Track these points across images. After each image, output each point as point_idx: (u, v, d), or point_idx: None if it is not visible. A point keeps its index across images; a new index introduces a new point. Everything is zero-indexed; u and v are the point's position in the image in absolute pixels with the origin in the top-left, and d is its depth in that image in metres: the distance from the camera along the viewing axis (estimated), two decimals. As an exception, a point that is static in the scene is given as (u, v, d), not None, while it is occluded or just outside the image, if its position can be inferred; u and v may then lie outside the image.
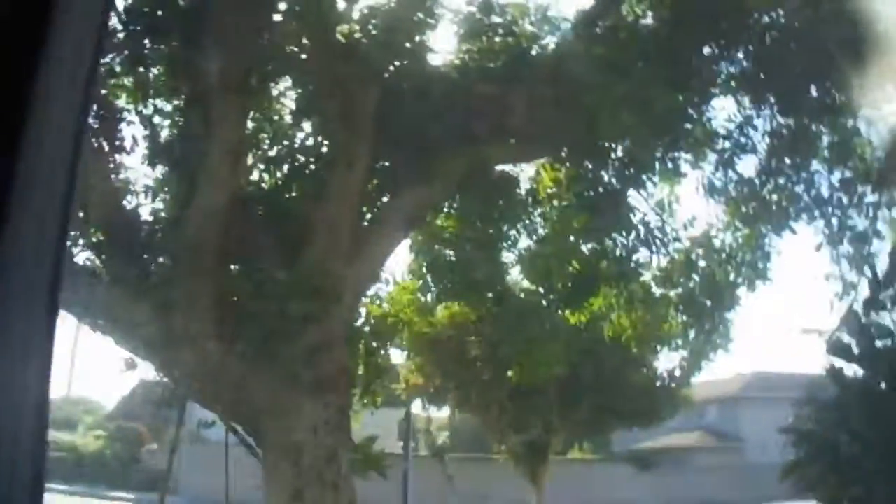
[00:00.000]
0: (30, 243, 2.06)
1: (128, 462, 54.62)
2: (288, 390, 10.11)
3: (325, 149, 12.40)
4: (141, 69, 11.77)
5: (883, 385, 13.69)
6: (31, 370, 2.14)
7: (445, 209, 13.94)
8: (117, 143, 11.37)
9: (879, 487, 12.96)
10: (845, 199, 15.13)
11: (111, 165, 11.29)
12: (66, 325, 11.12)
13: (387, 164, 12.17)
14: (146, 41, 11.39)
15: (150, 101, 12.06)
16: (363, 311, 14.27)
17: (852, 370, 14.09)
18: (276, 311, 10.29)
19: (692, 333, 19.20)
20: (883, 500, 12.92)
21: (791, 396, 17.23)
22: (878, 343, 13.98)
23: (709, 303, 17.83)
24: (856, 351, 13.94)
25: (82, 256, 10.77)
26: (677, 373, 25.61)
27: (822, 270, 15.78)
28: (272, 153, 12.91)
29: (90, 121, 10.27)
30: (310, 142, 12.82)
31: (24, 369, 2.09)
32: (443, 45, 14.48)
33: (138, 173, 11.88)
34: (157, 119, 12.13)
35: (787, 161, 14.87)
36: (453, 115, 11.59)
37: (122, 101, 11.93)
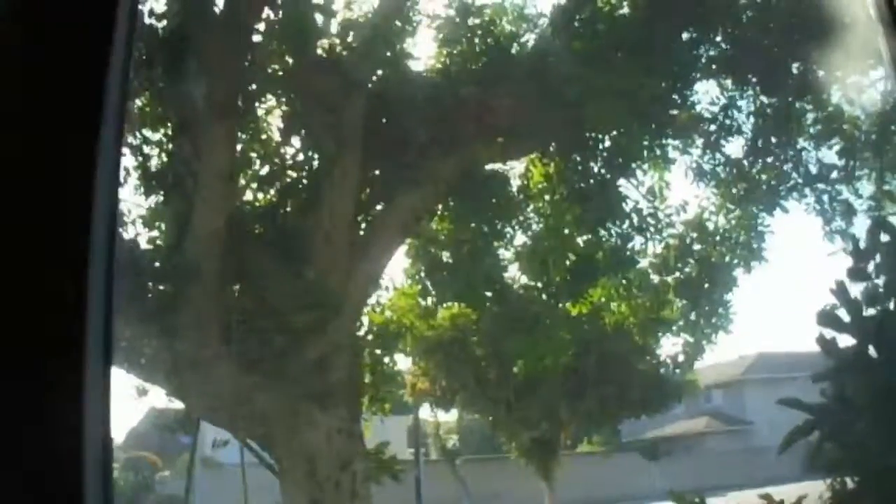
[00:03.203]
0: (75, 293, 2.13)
1: (141, 491, 54.57)
2: (298, 402, 10.21)
3: (315, 163, 12.44)
4: (126, 101, 11.78)
5: (873, 352, 13.77)
6: (92, 418, 2.21)
7: (439, 212, 13.99)
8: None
9: (875, 452, 13.03)
10: (836, 174, 15.21)
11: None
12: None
13: (378, 172, 12.23)
14: (129, 73, 11.41)
15: (139, 131, 12.08)
16: (365, 319, 14.34)
17: (844, 340, 14.14)
18: (279, 326, 10.38)
19: (692, 317, 19.29)
20: (879, 466, 12.98)
21: (795, 376, 17.30)
22: (866, 311, 14.05)
23: (707, 285, 17.91)
24: (846, 320, 14.00)
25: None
26: (681, 358, 25.60)
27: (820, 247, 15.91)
28: (263, 172, 12.93)
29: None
30: (300, 157, 12.86)
31: (84, 414, 2.15)
32: (423, 51, 14.59)
33: (132, 204, 11.90)
34: (146, 149, 12.15)
35: (774, 140, 14.96)
36: (439, 119, 11.68)
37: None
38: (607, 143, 13.93)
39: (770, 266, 17.27)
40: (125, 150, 11.87)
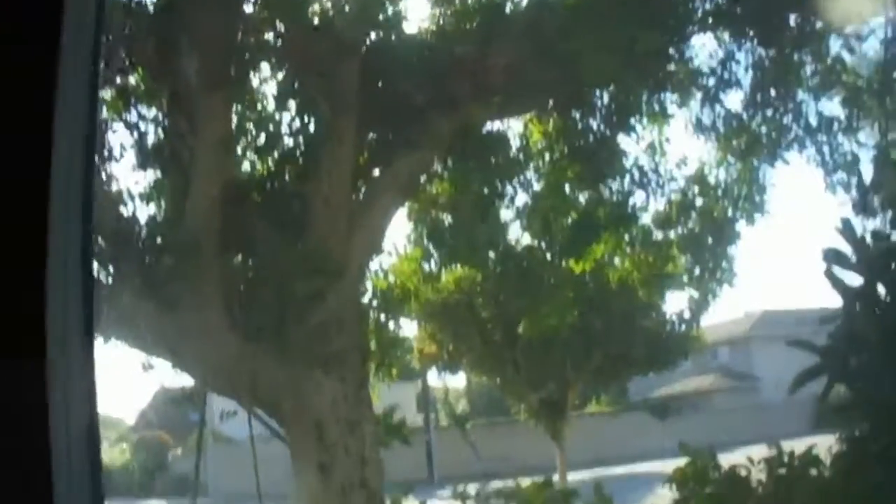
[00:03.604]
0: (58, 264, 2.10)
1: (155, 470, 54.79)
2: (304, 369, 10.19)
3: (311, 129, 12.39)
4: (119, 78, 11.76)
5: (881, 289, 13.70)
6: (76, 390, 2.18)
7: (438, 174, 13.93)
8: (106, 152, 11.38)
9: (885, 392, 12.99)
10: (836, 126, 15.16)
11: (103, 176, 11.29)
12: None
13: (374, 136, 12.19)
14: (121, 51, 11.37)
15: (133, 108, 12.04)
16: (369, 285, 14.33)
17: (850, 279, 14.06)
18: (282, 294, 10.36)
19: (696, 271, 19.29)
20: (890, 403, 12.95)
21: (802, 332, 17.27)
22: (873, 248, 13.96)
23: (710, 240, 17.90)
24: (852, 258, 13.91)
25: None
26: (686, 314, 25.60)
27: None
28: (260, 141, 12.89)
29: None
30: (296, 124, 12.81)
31: (68, 390, 2.12)
32: (416, 12, 14.52)
33: (130, 182, 11.88)
34: (142, 125, 12.12)
35: (773, 92, 14.88)
36: (435, 80, 11.61)
37: (105, 113, 11.90)
38: (605, 100, 13.87)
39: (774, 221, 17.24)
40: (119, 127, 11.87)
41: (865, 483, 12.33)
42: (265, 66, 12.79)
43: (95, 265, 10.35)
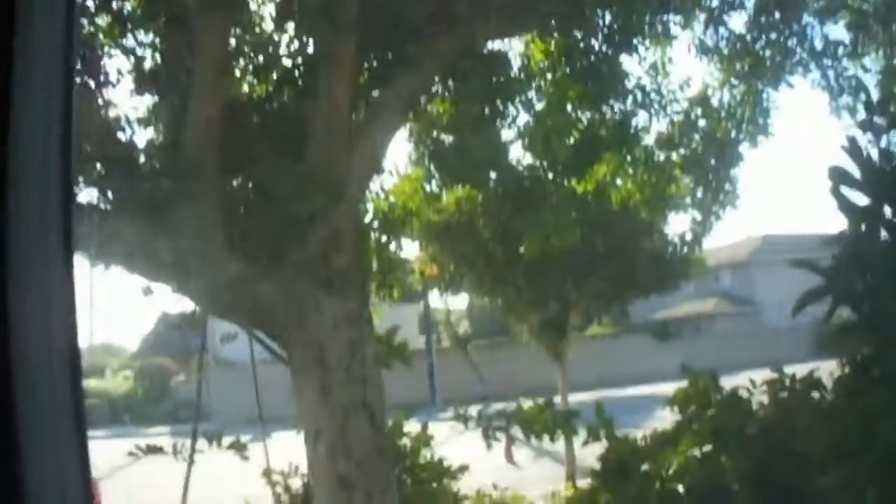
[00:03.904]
0: (35, 187, 2.06)
1: (158, 397, 55.28)
2: (305, 290, 10.17)
3: (310, 49, 12.29)
4: (115, 4, 11.66)
5: (887, 209, 13.63)
6: (56, 317, 2.15)
7: (439, 94, 13.86)
8: (102, 78, 11.31)
9: (890, 313, 12.98)
10: (841, 50, 15.09)
11: (100, 101, 11.23)
12: (82, 271, 11.24)
13: (374, 55, 12.09)
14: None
15: (130, 33, 11.94)
16: (370, 206, 14.31)
17: (856, 198, 14.00)
18: (282, 214, 10.33)
19: (699, 193, 19.28)
20: (894, 325, 12.95)
21: (803, 256, 17.26)
22: (880, 168, 13.89)
23: (713, 161, 17.87)
24: (858, 177, 13.84)
25: (86, 195, 10.74)
26: (688, 236, 25.61)
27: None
28: (259, 61, 12.80)
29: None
30: (295, 45, 12.71)
31: (49, 317, 2.10)
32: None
33: (128, 108, 11.82)
34: (138, 50, 12.02)
35: (778, 15, 14.79)
36: (436, -1, 11.50)
37: (101, 38, 11.81)
38: (608, 20, 13.76)
39: (777, 145, 17.29)
40: (116, 52, 11.78)
41: (867, 406, 12.37)
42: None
43: (94, 192, 10.34)
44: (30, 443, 2.01)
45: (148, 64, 11.87)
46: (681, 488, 13.41)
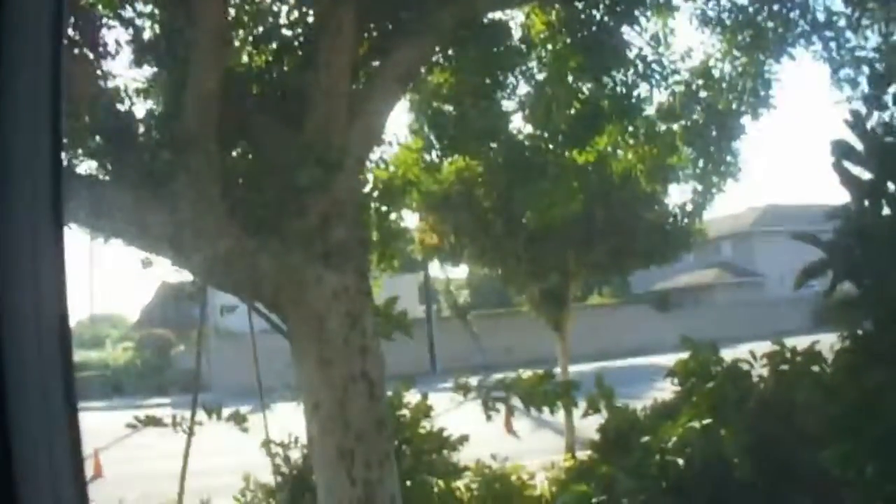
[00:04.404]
0: (24, 158, 2.03)
1: (158, 368, 55.41)
2: (304, 262, 10.15)
3: (310, 20, 12.24)
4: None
5: (891, 185, 13.58)
6: (46, 287, 2.13)
7: (440, 64, 13.83)
8: (101, 49, 11.28)
9: (892, 290, 12.95)
10: (844, 22, 15.05)
11: (98, 72, 11.19)
12: (81, 243, 11.25)
13: (374, 25, 12.05)
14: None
15: (129, 3, 11.89)
16: (370, 176, 14.29)
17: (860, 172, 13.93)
18: (281, 186, 10.31)
19: (700, 164, 19.26)
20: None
21: (804, 228, 17.25)
22: (884, 142, 13.82)
23: (714, 132, 17.87)
24: (861, 151, 13.78)
25: (84, 166, 10.73)
26: (689, 207, 25.62)
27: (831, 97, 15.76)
28: (258, 32, 12.76)
29: (70, 31, 10.25)
30: (294, 15, 12.67)
31: (39, 287, 2.08)
32: None
33: (127, 79, 11.79)
34: (138, 20, 11.97)
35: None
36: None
37: (100, 9, 11.77)
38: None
39: (779, 116, 17.31)
40: (115, 22, 11.73)
41: (869, 381, 12.36)
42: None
43: (94, 163, 10.31)
44: (19, 418, 2.00)
45: (147, 35, 11.84)
46: (680, 461, 13.42)
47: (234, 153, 11.56)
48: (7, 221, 1.97)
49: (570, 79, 15.23)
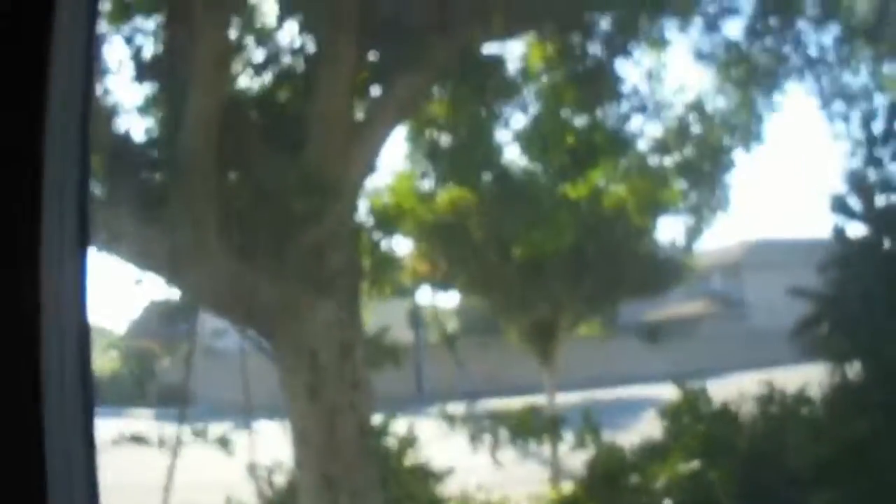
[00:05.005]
0: (56, 183, 2.10)
1: (144, 379, 55.10)
2: (298, 291, 10.19)
3: (310, 47, 12.31)
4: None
5: (886, 241, 13.68)
6: (68, 301, 2.19)
7: (437, 95, 13.89)
8: (103, 66, 11.32)
9: (887, 344, 13.03)
10: (835, 57, 15.14)
11: (99, 90, 11.24)
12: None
13: (374, 55, 12.11)
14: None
15: (131, 21, 11.94)
16: (364, 204, 14.33)
17: (856, 228, 14.06)
18: (278, 213, 10.35)
19: (692, 199, 19.32)
20: (891, 357, 12.99)
21: (795, 261, 17.33)
22: (880, 199, 13.94)
23: (706, 167, 17.92)
24: (858, 208, 13.88)
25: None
26: (680, 240, 25.68)
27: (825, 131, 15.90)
28: (259, 57, 12.83)
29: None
30: (296, 42, 12.73)
31: (60, 300, 2.14)
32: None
33: (127, 95, 11.84)
34: (139, 38, 12.03)
35: (773, 22, 14.84)
36: (435, 1, 11.53)
37: (103, 25, 11.80)
38: (605, 25, 13.79)
39: (771, 150, 17.40)
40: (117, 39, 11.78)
41: (859, 430, 12.39)
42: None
43: (91, 180, 10.35)
44: (50, 425, 2.07)
45: (148, 53, 11.89)
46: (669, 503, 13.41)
47: (231, 177, 11.58)
48: (39, 239, 2.05)
49: (564, 112, 15.27)
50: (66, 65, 2.14)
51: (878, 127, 14.57)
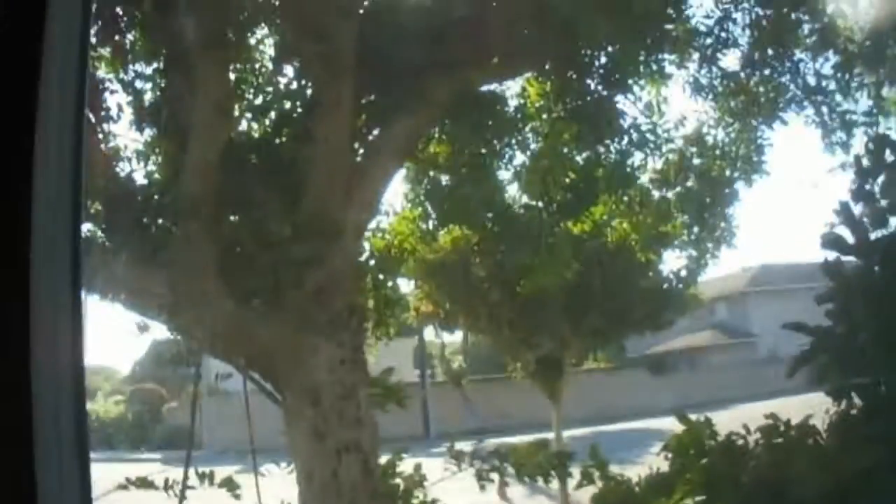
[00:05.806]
0: (48, 232, 2.11)
1: (150, 422, 55.05)
2: (302, 334, 10.20)
3: (309, 91, 12.37)
4: (117, 37, 11.73)
5: (879, 273, 13.68)
6: (64, 348, 2.20)
7: (436, 135, 13.95)
8: (102, 112, 11.39)
9: (884, 376, 13.01)
10: (834, 86, 15.17)
11: (100, 135, 11.30)
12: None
13: (372, 98, 12.17)
14: (118, 9, 11.35)
15: (130, 67, 12.02)
16: (366, 245, 14.35)
17: (849, 262, 14.03)
18: (279, 258, 10.38)
19: (695, 232, 19.35)
20: (889, 389, 12.97)
21: (799, 287, 17.37)
22: (872, 233, 13.94)
23: (708, 200, 17.95)
24: (850, 242, 13.88)
25: (83, 228, 10.76)
26: (684, 273, 25.69)
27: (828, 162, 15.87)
28: (258, 102, 12.89)
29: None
30: (294, 86, 12.80)
31: (57, 348, 2.15)
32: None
33: (127, 140, 11.90)
34: (139, 84, 12.11)
35: (771, 52, 14.90)
36: (433, 42, 11.59)
37: (101, 71, 11.88)
38: (603, 60, 13.85)
39: (772, 178, 17.35)
40: (116, 86, 11.85)
41: (863, 461, 12.34)
42: (264, 27, 12.80)
43: (90, 225, 10.37)
44: (41, 465, 2.08)
45: (148, 98, 11.97)
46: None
47: (231, 221, 11.62)
48: (29, 286, 2.06)
49: (564, 149, 15.31)
50: (57, 83, 2.16)
51: (867, 160, 14.54)
